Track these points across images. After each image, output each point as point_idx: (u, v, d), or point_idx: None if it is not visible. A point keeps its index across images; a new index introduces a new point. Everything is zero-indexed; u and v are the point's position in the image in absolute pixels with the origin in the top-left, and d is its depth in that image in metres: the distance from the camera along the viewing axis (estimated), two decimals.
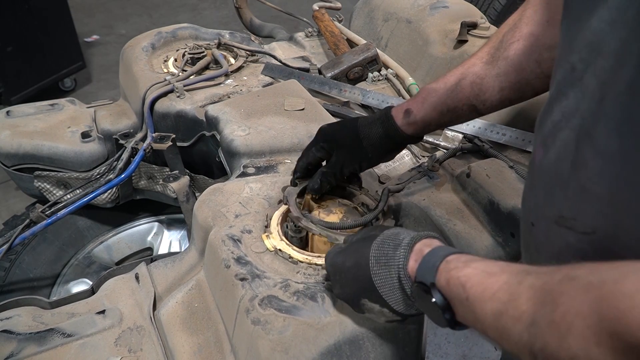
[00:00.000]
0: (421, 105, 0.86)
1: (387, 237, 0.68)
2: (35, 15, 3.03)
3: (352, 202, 0.99)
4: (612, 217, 0.50)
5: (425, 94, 0.87)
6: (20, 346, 0.88)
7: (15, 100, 2.97)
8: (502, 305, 0.47)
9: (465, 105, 0.84)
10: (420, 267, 0.61)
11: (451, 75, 0.86)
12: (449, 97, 0.85)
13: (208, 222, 0.94)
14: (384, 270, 0.65)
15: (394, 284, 0.65)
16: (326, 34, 1.69)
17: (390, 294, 0.66)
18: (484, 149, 1.14)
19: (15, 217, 1.55)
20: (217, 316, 0.88)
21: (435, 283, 0.57)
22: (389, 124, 0.88)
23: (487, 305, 0.49)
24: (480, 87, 0.82)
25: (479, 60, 0.84)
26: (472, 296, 0.52)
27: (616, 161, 0.48)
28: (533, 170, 0.63)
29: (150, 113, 1.35)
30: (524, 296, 0.45)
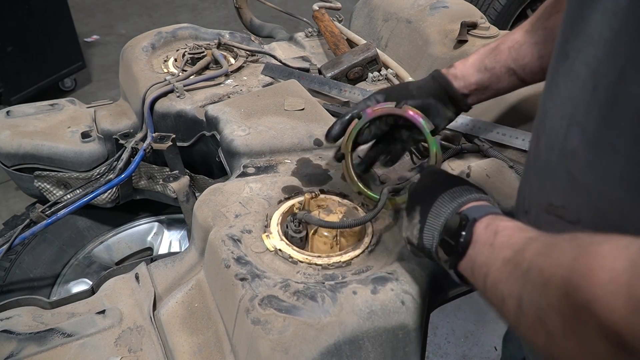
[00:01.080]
0: (462, 64, 0.92)
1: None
2: (35, 15, 3.03)
3: (352, 202, 0.99)
4: (597, 208, 0.51)
5: (470, 54, 0.93)
6: (20, 346, 0.88)
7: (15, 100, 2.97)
8: (513, 253, 0.49)
9: (504, 67, 0.88)
10: (475, 206, 0.64)
11: (494, 42, 0.91)
12: (487, 57, 0.89)
13: (208, 222, 0.95)
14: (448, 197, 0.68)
15: (446, 210, 0.66)
16: (326, 34, 1.69)
17: (434, 221, 0.68)
18: (484, 149, 1.14)
19: (15, 217, 1.55)
20: (217, 316, 0.88)
21: (477, 221, 0.60)
22: (439, 75, 0.93)
23: (502, 253, 0.51)
24: (518, 52, 0.86)
25: (520, 29, 0.88)
26: (498, 242, 0.54)
27: (605, 151, 0.48)
28: (528, 159, 0.65)
29: (150, 113, 1.35)
30: (532, 247, 0.47)
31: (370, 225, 0.94)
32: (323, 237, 0.90)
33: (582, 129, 0.50)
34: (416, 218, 0.71)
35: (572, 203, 0.54)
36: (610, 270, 0.36)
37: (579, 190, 0.52)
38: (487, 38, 1.41)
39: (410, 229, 0.73)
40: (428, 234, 0.68)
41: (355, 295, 0.78)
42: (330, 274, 0.84)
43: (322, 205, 0.97)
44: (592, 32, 0.48)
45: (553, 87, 0.56)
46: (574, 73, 0.51)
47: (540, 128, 0.59)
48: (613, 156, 0.47)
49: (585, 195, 0.51)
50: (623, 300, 0.34)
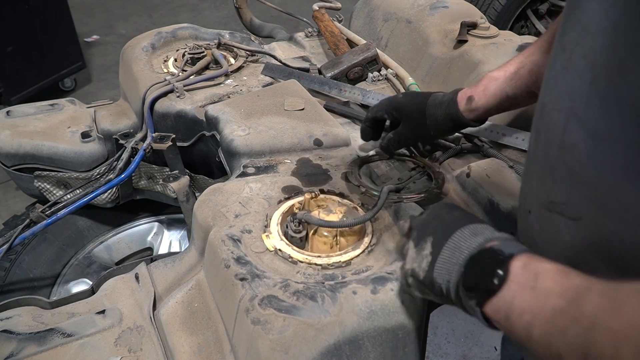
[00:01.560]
0: (482, 93, 0.91)
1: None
2: (35, 15, 3.03)
3: (352, 202, 0.99)
4: (599, 202, 0.49)
5: (487, 82, 0.92)
6: (20, 346, 0.88)
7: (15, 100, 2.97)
8: (566, 304, 0.45)
9: (525, 92, 0.88)
10: (503, 241, 0.59)
11: (511, 64, 0.90)
12: (508, 85, 0.89)
13: (208, 222, 0.95)
14: (469, 232, 0.63)
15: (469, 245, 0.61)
16: (326, 34, 1.69)
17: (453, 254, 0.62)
18: (484, 149, 1.14)
19: (15, 217, 1.55)
20: (217, 316, 0.88)
21: (513, 258, 0.54)
22: (453, 108, 0.94)
23: (550, 300, 0.47)
24: (538, 75, 0.85)
25: (537, 49, 0.86)
26: (541, 287, 0.49)
27: (605, 142, 0.47)
28: (527, 157, 0.64)
29: (150, 113, 1.35)
30: (590, 299, 0.44)
31: (370, 225, 0.94)
32: (323, 237, 0.90)
33: (581, 122, 0.49)
34: (427, 249, 0.66)
35: (573, 199, 0.53)
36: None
37: (580, 185, 0.51)
38: (487, 38, 1.41)
39: (417, 260, 0.68)
40: (442, 268, 0.63)
41: (355, 295, 0.78)
42: (330, 274, 0.84)
43: (322, 205, 0.97)
44: (588, 23, 0.48)
45: (551, 81, 0.55)
46: (571, 66, 0.51)
47: (539, 123, 0.58)
48: (614, 148, 0.46)
49: (586, 190, 0.50)
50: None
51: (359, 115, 1.34)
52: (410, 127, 0.99)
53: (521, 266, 0.52)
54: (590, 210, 0.51)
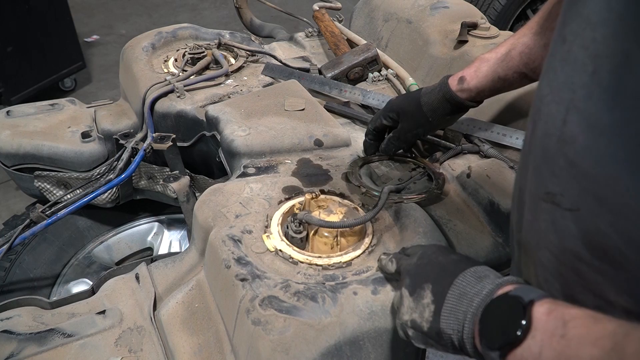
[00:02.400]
0: (474, 74, 0.94)
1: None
2: (35, 15, 3.03)
3: (352, 203, 0.99)
4: (597, 193, 0.48)
5: (478, 64, 0.94)
6: (20, 346, 0.88)
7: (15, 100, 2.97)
8: (605, 354, 0.42)
9: (516, 73, 0.90)
10: (519, 286, 0.56)
11: (502, 45, 0.92)
12: (500, 66, 0.91)
13: (208, 222, 0.94)
14: (472, 277, 0.61)
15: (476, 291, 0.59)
16: (326, 34, 1.69)
17: (460, 302, 0.60)
18: (484, 149, 1.14)
19: (15, 217, 1.55)
20: (218, 316, 0.88)
21: (534, 304, 0.51)
22: (446, 90, 0.97)
23: (587, 350, 0.44)
24: (529, 56, 0.88)
25: (528, 30, 0.88)
26: (572, 335, 0.46)
27: (607, 135, 0.47)
28: (523, 150, 0.63)
29: (151, 113, 1.35)
30: (630, 349, 0.41)
31: (370, 226, 0.94)
32: (323, 238, 0.90)
33: (582, 114, 0.49)
34: (426, 298, 0.63)
35: (571, 190, 0.52)
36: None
37: (578, 176, 0.50)
38: (487, 38, 1.41)
39: (418, 311, 0.64)
40: (450, 318, 0.59)
41: (355, 295, 0.78)
42: (331, 274, 0.84)
43: (323, 205, 0.97)
44: (589, 14, 0.48)
45: (551, 72, 0.55)
46: (572, 57, 0.51)
47: (536, 115, 0.58)
48: (616, 140, 0.46)
49: (585, 181, 0.50)
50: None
51: (359, 115, 1.34)
52: (408, 121, 1.02)
53: (545, 312, 0.50)
54: (588, 201, 0.50)
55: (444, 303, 0.60)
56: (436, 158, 1.15)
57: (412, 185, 1.06)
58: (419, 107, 1.01)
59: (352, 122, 1.35)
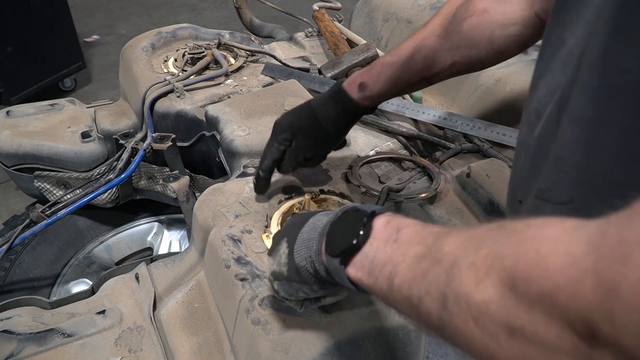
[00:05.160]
0: (376, 79, 0.87)
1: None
2: (35, 15, 3.03)
3: (352, 202, 0.99)
4: (589, 184, 0.50)
5: (380, 68, 0.88)
6: (20, 346, 0.88)
7: (15, 100, 2.97)
8: (427, 249, 0.45)
9: (418, 77, 0.86)
10: (364, 204, 0.58)
11: (404, 48, 0.86)
12: (403, 70, 0.86)
13: (208, 222, 0.94)
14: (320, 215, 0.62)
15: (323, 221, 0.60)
16: (326, 34, 1.69)
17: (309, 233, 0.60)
18: (484, 149, 1.14)
19: (15, 217, 1.55)
20: (217, 316, 0.88)
21: (375, 216, 0.53)
22: (345, 99, 0.89)
23: (412, 248, 0.47)
24: (433, 60, 0.84)
25: (431, 33, 0.84)
26: (402, 238, 0.49)
27: (591, 128, 0.48)
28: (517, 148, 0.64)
29: (150, 113, 1.35)
30: (449, 240, 0.43)
31: None
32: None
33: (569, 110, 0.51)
34: (282, 248, 0.63)
35: (562, 184, 0.53)
36: (567, 254, 0.33)
37: (569, 170, 0.52)
38: None
39: (275, 261, 0.64)
40: (302, 249, 0.60)
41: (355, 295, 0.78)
42: None
43: (322, 205, 0.97)
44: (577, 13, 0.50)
45: (548, 73, 0.56)
46: (571, 59, 0.52)
47: (533, 115, 0.59)
48: (603, 132, 0.47)
49: (577, 173, 0.51)
50: (591, 286, 0.31)
51: None
52: (306, 139, 0.91)
53: (384, 223, 0.53)
54: (581, 192, 0.51)
55: (296, 241, 0.61)
56: (436, 158, 1.15)
57: (411, 185, 1.06)
58: (315, 121, 0.90)
59: None
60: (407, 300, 0.45)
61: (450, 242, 0.43)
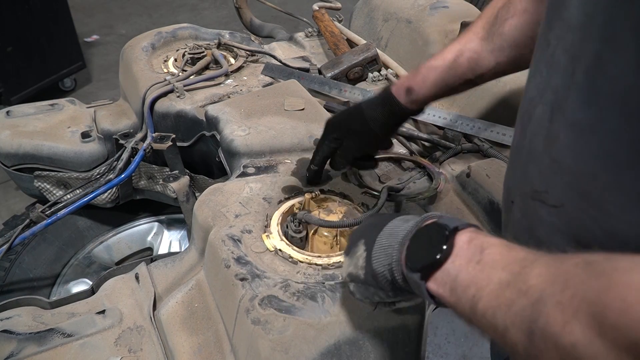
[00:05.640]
0: (422, 84, 0.89)
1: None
2: (35, 15, 3.03)
3: (352, 202, 0.99)
4: (580, 189, 0.50)
5: (425, 72, 0.89)
6: (20, 346, 0.88)
7: (15, 100, 2.97)
8: (512, 277, 0.45)
9: (463, 79, 0.87)
10: (444, 218, 0.57)
11: (448, 51, 0.88)
12: (448, 73, 0.87)
13: (208, 222, 0.94)
14: (399, 221, 0.62)
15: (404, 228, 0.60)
16: (326, 34, 1.69)
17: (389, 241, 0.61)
18: (484, 149, 1.15)
19: (15, 217, 1.55)
20: (217, 316, 0.88)
21: (458, 232, 0.53)
22: (393, 103, 0.91)
23: (496, 274, 0.47)
24: (477, 62, 0.84)
25: (474, 35, 0.85)
26: (486, 261, 0.49)
27: (585, 133, 0.49)
28: (512, 149, 0.64)
29: (150, 113, 1.35)
30: (536, 272, 0.43)
31: None
32: (323, 237, 0.90)
33: (563, 114, 0.51)
34: (360, 250, 0.64)
35: (555, 187, 0.54)
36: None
37: (562, 174, 0.52)
38: None
39: (352, 264, 0.65)
40: (380, 256, 0.60)
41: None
42: (331, 274, 0.84)
43: (322, 205, 0.97)
44: (570, 18, 0.50)
45: (537, 75, 0.57)
46: (555, 60, 0.53)
47: (525, 117, 0.59)
48: (593, 138, 0.48)
49: (568, 177, 0.52)
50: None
51: None
52: (354, 140, 0.95)
53: (467, 240, 0.52)
54: (571, 197, 0.52)
55: (374, 246, 0.62)
56: (436, 158, 1.15)
57: (411, 184, 1.06)
58: (364, 124, 0.93)
59: None
60: (491, 326, 0.46)
61: (536, 274, 0.43)
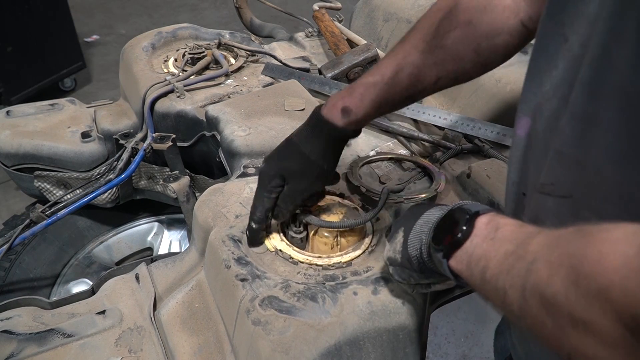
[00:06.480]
0: (360, 103, 0.81)
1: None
2: (35, 15, 3.03)
3: (353, 203, 0.99)
4: (586, 181, 0.52)
5: (363, 90, 0.81)
6: (20, 346, 0.88)
7: (15, 100, 2.97)
8: (515, 247, 0.49)
9: (403, 96, 0.82)
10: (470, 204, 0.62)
11: (386, 66, 0.81)
12: (388, 91, 0.80)
13: (208, 222, 0.94)
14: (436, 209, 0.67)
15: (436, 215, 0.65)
16: (326, 34, 1.69)
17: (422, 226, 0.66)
18: (484, 149, 1.14)
19: (15, 217, 1.55)
20: (218, 316, 0.88)
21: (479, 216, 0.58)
22: (330, 128, 0.81)
23: (504, 246, 0.51)
24: (417, 77, 0.79)
25: (414, 49, 0.79)
26: (498, 236, 0.53)
27: (588, 124, 0.50)
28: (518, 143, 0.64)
29: (151, 113, 1.35)
30: (536, 240, 0.47)
31: (370, 226, 0.94)
32: (323, 238, 0.90)
33: (570, 107, 0.52)
34: (399, 237, 0.70)
35: (561, 179, 0.55)
36: (622, 255, 0.36)
37: (569, 165, 0.54)
38: None
39: (392, 248, 0.71)
40: (413, 240, 0.66)
41: (355, 295, 0.78)
42: (331, 274, 0.84)
43: (323, 205, 0.97)
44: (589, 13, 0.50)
45: (553, 70, 0.57)
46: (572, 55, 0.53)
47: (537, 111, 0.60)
48: (599, 130, 0.49)
49: (575, 168, 0.53)
50: (636, 284, 0.35)
51: None
52: (297, 180, 0.84)
53: (485, 222, 0.57)
54: (578, 188, 0.53)
55: (411, 232, 0.67)
56: (436, 158, 1.15)
57: (412, 185, 1.06)
58: (304, 160, 0.82)
59: None
60: (495, 292, 0.50)
61: (536, 242, 0.47)
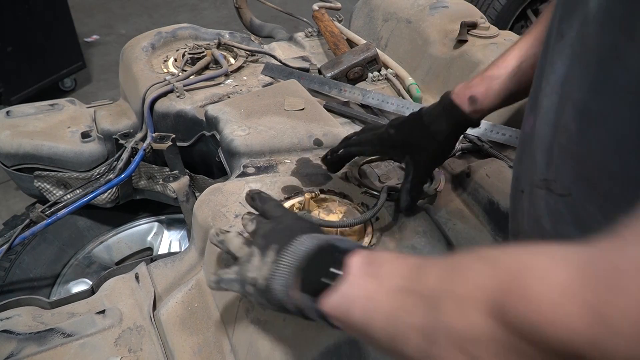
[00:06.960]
0: (486, 93, 0.86)
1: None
2: (35, 15, 3.03)
3: (352, 202, 0.99)
4: (588, 178, 0.51)
5: (489, 81, 0.86)
6: (20, 346, 0.88)
7: (15, 100, 2.97)
8: (409, 282, 0.45)
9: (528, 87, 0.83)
10: (337, 239, 0.59)
11: (510, 58, 0.85)
12: (512, 82, 0.84)
13: (208, 222, 0.95)
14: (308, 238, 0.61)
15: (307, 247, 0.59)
16: (326, 34, 1.69)
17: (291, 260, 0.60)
18: (484, 148, 1.14)
19: (15, 217, 1.55)
20: (217, 316, 0.88)
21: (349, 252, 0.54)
22: (458, 113, 0.87)
23: (392, 282, 0.47)
24: None
25: (535, 40, 0.82)
26: (383, 274, 0.49)
27: (595, 123, 0.49)
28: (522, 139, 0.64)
29: (150, 113, 1.35)
30: (431, 273, 0.43)
31: (370, 225, 0.94)
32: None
33: (574, 103, 0.52)
34: (270, 257, 0.63)
35: (563, 176, 0.55)
36: (555, 284, 0.33)
37: (571, 162, 0.53)
38: (487, 38, 1.41)
39: (260, 268, 0.63)
40: (281, 275, 0.60)
41: None
42: None
43: (322, 205, 0.97)
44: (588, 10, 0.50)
45: (548, 67, 0.57)
46: (569, 51, 0.53)
47: (535, 107, 0.60)
48: (604, 127, 0.48)
49: (576, 165, 0.52)
50: (578, 313, 0.31)
51: (359, 115, 1.34)
52: (423, 158, 0.90)
53: (361, 259, 0.52)
54: (578, 185, 0.53)
55: (280, 261, 0.61)
56: None
57: None
58: (431, 140, 0.88)
59: (352, 121, 1.35)
60: (390, 336, 0.45)
61: (433, 275, 0.43)
